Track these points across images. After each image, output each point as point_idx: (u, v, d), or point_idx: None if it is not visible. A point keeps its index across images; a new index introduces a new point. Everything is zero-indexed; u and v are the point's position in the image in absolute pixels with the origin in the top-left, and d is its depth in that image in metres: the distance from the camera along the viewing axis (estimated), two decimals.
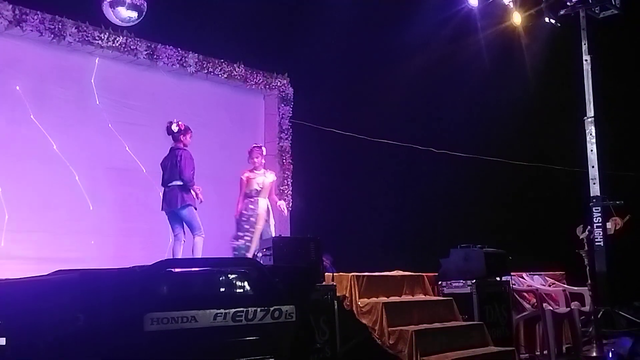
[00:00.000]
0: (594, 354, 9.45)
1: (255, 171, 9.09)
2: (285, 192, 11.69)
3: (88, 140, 9.69)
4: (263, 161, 9.18)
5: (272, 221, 9.09)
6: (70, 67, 9.70)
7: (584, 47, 12.85)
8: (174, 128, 8.31)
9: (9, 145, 8.96)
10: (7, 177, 8.88)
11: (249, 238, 8.65)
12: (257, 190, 8.96)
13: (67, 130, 9.53)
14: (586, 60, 12.78)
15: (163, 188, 8.32)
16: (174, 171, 8.17)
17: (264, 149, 9.33)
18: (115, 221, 9.79)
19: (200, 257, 7.84)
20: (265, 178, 9.09)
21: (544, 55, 14.22)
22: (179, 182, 8.17)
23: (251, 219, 8.79)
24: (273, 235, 8.72)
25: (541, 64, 14.30)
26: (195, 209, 8.31)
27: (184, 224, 8.28)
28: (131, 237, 9.84)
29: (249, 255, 8.33)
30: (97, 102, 9.84)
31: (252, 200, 8.91)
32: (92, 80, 9.84)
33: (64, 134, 9.49)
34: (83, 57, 9.77)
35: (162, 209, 8.34)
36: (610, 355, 9.01)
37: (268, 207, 9.02)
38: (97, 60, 9.89)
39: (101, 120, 9.87)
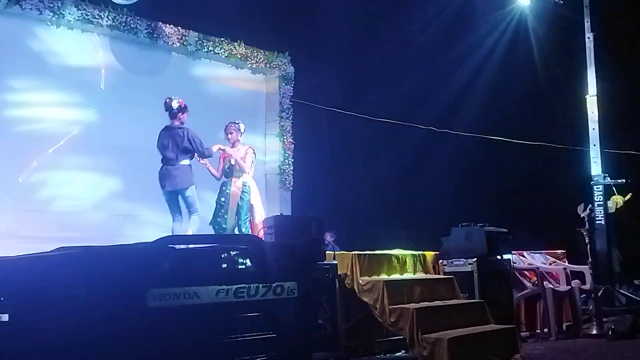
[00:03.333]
0: (594, 332, 9.48)
1: (231, 149, 8.66)
2: (287, 171, 11.70)
3: (89, 119, 9.68)
4: (238, 138, 8.70)
5: (255, 199, 8.65)
6: (71, 46, 9.66)
7: (587, 25, 12.74)
8: (175, 105, 8.08)
9: (10, 126, 8.96)
10: (7, 158, 8.89)
11: (220, 219, 8.33)
12: (229, 169, 8.59)
13: (68, 109, 9.52)
14: (589, 37, 12.69)
15: (166, 167, 8.03)
16: (179, 150, 8.01)
17: (241, 125, 8.78)
18: (118, 200, 9.80)
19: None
20: (237, 155, 8.62)
21: (547, 33, 14.15)
22: (187, 161, 8.05)
23: (221, 198, 8.47)
24: (256, 213, 8.50)
25: (544, 42, 14.23)
26: (195, 187, 8.15)
27: (184, 202, 8.09)
28: (134, 216, 9.86)
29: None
30: (98, 81, 9.82)
31: (225, 180, 8.59)
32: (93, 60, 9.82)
33: (65, 113, 9.48)
34: (83, 36, 9.73)
35: (165, 188, 8.07)
36: (611, 333, 9.06)
37: (245, 185, 8.57)
38: (97, 38, 9.86)
39: (102, 98, 9.84)
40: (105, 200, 9.75)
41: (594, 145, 12.50)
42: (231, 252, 3.94)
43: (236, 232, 8.18)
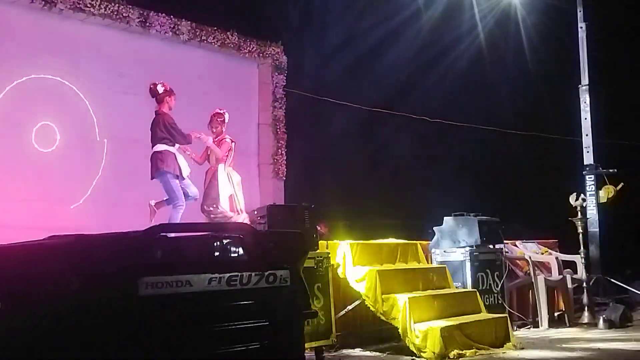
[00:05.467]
0: (586, 321, 9.55)
1: (206, 136, 8.42)
2: (279, 161, 11.68)
3: (81, 109, 9.63)
4: (223, 128, 8.49)
5: (222, 190, 8.23)
6: (62, 35, 9.60)
7: (579, 15, 12.77)
8: (160, 89, 7.89)
9: (1, 115, 8.91)
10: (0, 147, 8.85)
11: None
12: (207, 160, 8.47)
13: (60, 99, 9.47)
14: (581, 27, 12.71)
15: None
16: (156, 136, 7.78)
17: (226, 115, 8.55)
18: (110, 190, 9.77)
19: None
20: (218, 147, 8.38)
21: (539, 23, 14.16)
22: (161, 148, 7.83)
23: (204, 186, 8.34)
24: (227, 205, 8.22)
25: (536, 32, 14.25)
26: (177, 177, 7.87)
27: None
28: (126, 206, 9.82)
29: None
30: (90, 71, 9.78)
31: (208, 165, 8.47)
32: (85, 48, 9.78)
33: (57, 103, 9.44)
34: (75, 25, 9.67)
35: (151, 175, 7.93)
36: (602, 322, 9.12)
37: (217, 176, 8.27)
38: (89, 28, 9.81)
39: (94, 88, 9.79)
40: (97, 188, 9.71)
41: (587, 135, 12.54)
42: (224, 241, 3.92)
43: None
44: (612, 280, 11.75)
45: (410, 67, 13.24)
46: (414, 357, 7.03)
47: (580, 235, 9.98)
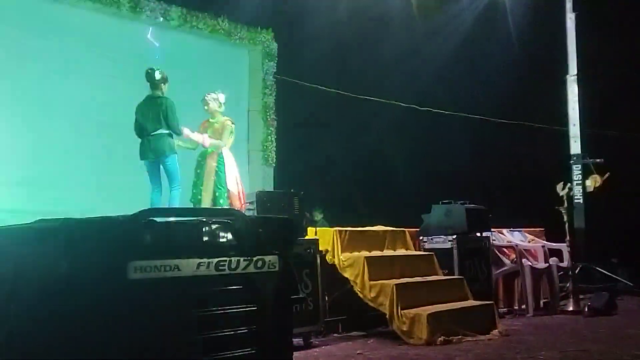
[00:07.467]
0: (571, 308, 9.64)
1: (209, 120, 8.55)
2: (269, 148, 11.69)
3: (70, 93, 9.60)
4: (217, 108, 8.52)
5: (230, 170, 8.41)
6: (53, 18, 9.55)
7: (568, 5, 12.82)
8: (157, 76, 7.97)
9: None
10: None
11: (196, 191, 8.29)
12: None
13: (49, 82, 9.43)
14: (570, 17, 12.76)
15: (147, 137, 7.91)
16: (159, 119, 7.95)
17: (220, 95, 8.58)
18: (99, 174, 9.76)
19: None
20: (214, 127, 8.48)
21: (528, 13, 14.19)
22: (165, 130, 7.96)
23: (197, 170, 8.36)
24: (230, 184, 8.34)
25: (525, 21, 14.28)
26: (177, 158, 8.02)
27: (166, 173, 7.98)
28: (115, 190, 9.83)
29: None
30: (79, 54, 9.74)
31: (202, 150, 8.45)
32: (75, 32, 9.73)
33: (46, 86, 9.40)
34: (65, 8, 9.62)
35: (147, 158, 7.98)
36: (587, 309, 9.21)
37: (220, 157, 8.38)
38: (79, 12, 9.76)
39: (83, 72, 9.75)
40: (86, 173, 9.70)
41: (574, 124, 12.62)
42: (212, 226, 3.93)
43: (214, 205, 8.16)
44: (598, 268, 11.86)
45: (398, 55, 13.25)
46: None
47: (567, 224, 10.06)
